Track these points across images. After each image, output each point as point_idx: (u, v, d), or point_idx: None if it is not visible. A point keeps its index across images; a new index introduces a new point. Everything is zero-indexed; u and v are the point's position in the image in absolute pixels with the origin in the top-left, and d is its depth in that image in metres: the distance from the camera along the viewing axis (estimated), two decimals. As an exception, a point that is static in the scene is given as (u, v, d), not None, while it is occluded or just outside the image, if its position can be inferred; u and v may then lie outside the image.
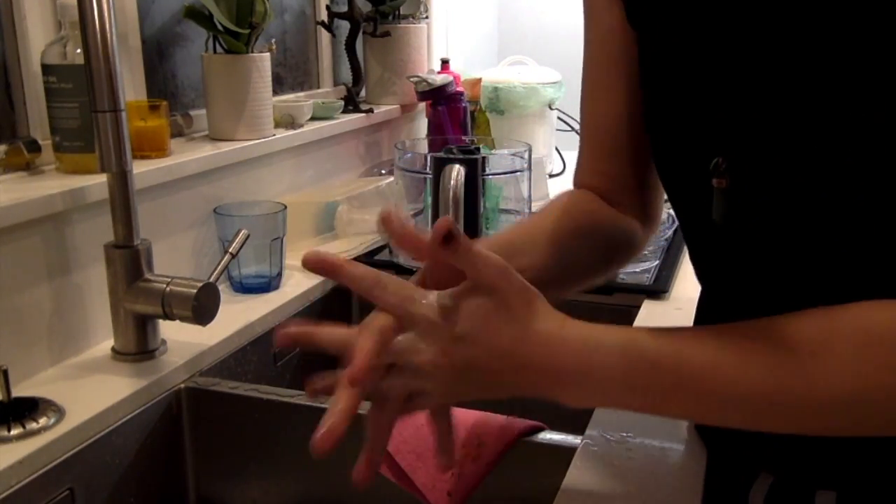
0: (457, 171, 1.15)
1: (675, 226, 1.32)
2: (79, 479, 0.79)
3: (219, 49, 1.23)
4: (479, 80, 1.86)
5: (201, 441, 0.93)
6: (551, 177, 1.84)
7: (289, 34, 1.56)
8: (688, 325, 0.70)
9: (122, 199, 0.88)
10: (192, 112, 1.27)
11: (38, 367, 0.90)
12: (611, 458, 0.71)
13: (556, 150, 1.91)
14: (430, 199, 1.23)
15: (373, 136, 1.68)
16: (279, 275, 1.16)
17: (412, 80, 1.68)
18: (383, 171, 1.63)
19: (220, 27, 1.20)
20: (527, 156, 1.32)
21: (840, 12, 0.47)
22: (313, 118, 1.45)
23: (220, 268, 0.95)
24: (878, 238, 0.49)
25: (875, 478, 0.58)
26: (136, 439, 0.86)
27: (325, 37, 1.65)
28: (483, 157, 1.23)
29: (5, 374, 0.78)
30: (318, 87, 1.65)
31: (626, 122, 0.69)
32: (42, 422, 0.78)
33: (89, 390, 0.86)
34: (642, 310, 1.08)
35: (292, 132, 1.35)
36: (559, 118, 1.89)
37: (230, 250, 0.97)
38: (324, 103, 1.49)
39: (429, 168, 1.25)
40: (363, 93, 1.71)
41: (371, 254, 1.31)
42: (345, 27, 1.62)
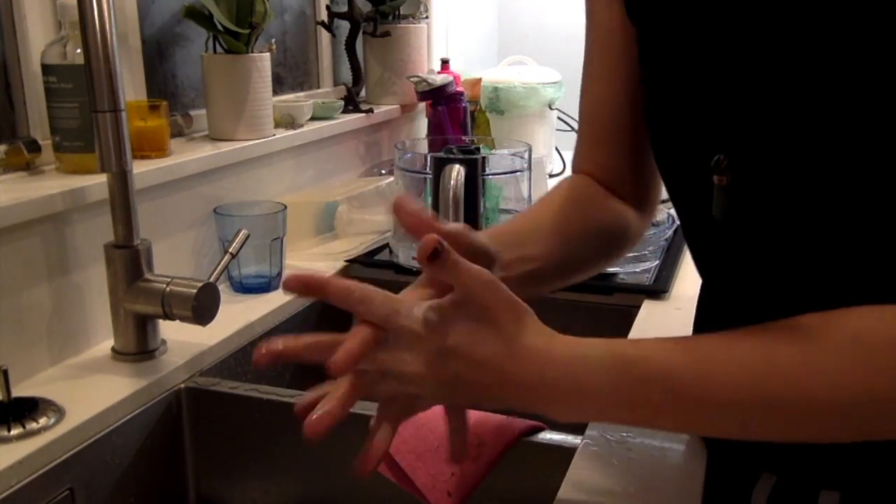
0: (457, 171, 1.15)
1: (675, 226, 1.32)
2: (79, 479, 0.79)
3: (219, 49, 1.23)
4: (479, 80, 1.86)
5: (201, 441, 0.93)
6: (551, 177, 1.84)
7: (289, 34, 1.56)
8: (688, 324, 0.70)
9: (122, 199, 0.88)
10: (192, 112, 1.27)
11: (38, 367, 0.90)
12: (611, 458, 0.71)
13: (556, 150, 1.91)
14: (430, 199, 1.23)
15: (373, 136, 1.68)
16: (279, 275, 1.16)
17: (412, 80, 1.68)
18: (383, 171, 1.63)
19: (220, 27, 1.20)
20: (527, 156, 1.32)
21: (840, 9, 0.47)
22: (313, 118, 1.45)
23: (220, 268, 0.95)
24: (878, 234, 0.49)
25: (879, 478, 0.58)
26: (136, 439, 0.86)
27: (325, 37, 1.65)
28: (483, 157, 1.23)
29: (5, 374, 0.78)
30: (318, 87, 1.65)
31: (623, 113, 0.69)
32: (42, 422, 0.78)
33: (89, 390, 0.86)
34: (642, 310, 1.08)
35: (292, 132, 1.35)
36: (559, 118, 1.88)
37: (230, 250, 0.97)
38: (324, 103, 1.49)
39: (429, 168, 1.25)
40: (363, 93, 1.71)
41: (371, 254, 1.31)
42: (345, 27, 1.62)
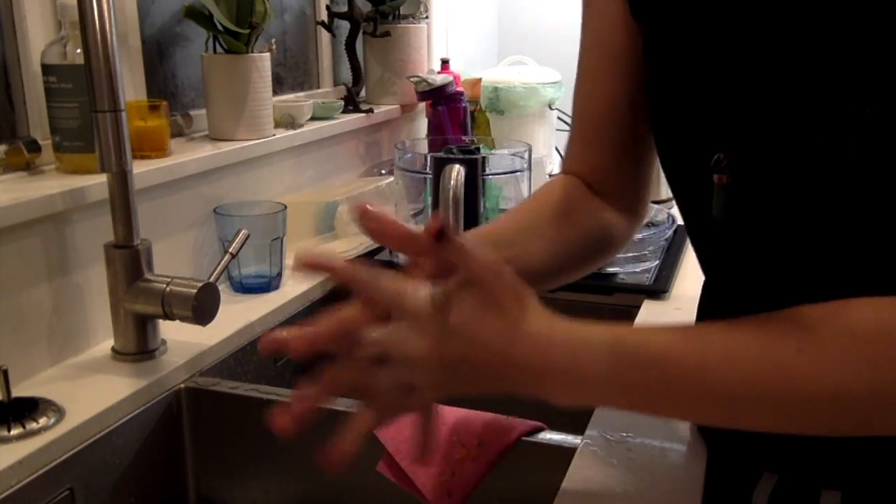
0: (457, 171, 1.15)
1: (675, 226, 1.32)
2: (79, 479, 0.79)
3: (219, 49, 1.23)
4: (479, 80, 1.86)
5: (201, 441, 0.93)
6: (551, 177, 1.84)
7: (289, 34, 1.56)
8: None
9: (122, 199, 0.88)
10: (192, 112, 1.27)
11: (38, 367, 0.90)
12: (611, 458, 0.71)
13: (556, 150, 1.91)
14: (430, 199, 1.23)
15: (373, 136, 1.68)
16: (279, 275, 1.16)
17: (412, 80, 1.68)
18: (383, 171, 1.63)
19: (220, 27, 1.20)
20: (527, 156, 1.32)
21: (842, 7, 0.47)
22: (313, 118, 1.45)
23: (220, 268, 0.95)
24: (879, 231, 0.49)
25: (880, 477, 0.58)
26: (136, 439, 0.86)
27: (325, 37, 1.65)
28: (483, 157, 1.24)
29: (5, 374, 0.78)
30: (318, 87, 1.65)
31: (620, 112, 0.68)
32: (42, 422, 0.78)
33: (89, 390, 0.86)
34: (642, 310, 1.08)
35: (292, 132, 1.35)
36: (559, 118, 1.88)
37: (230, 250, 0.97)
38: (324, 103, 1.49)
39: (429, 168, 1.25)
40: (363, 93, 1.71)
41: (371, 254, 1.31)
42: (345, 27, 1.62)
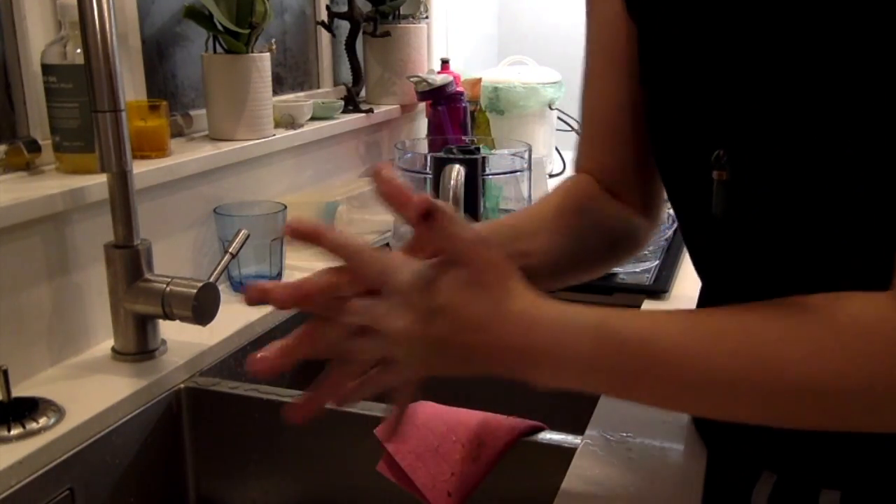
0: (457, 171, 1.15)
1: (675, 226, 1.32)
2: (79, 479, 0.79)
3: (219, 49, 1.23)
4: (479, 80, 1.86)
5: (201, 441, 0.93)
6: (551, 177, 1.84)
7: (289, 34, 1.56)
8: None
9: (122, 199, 0.88)
10: (192, 112, 1.27)
11: (38, 367, 0.90)
12: (611, 458, 0.71)
13: (556, 150, 1.91)
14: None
15: (373, 136, 1.68)
16: (279, 275, 1.16)
17: (412, 80, 1.68)
18: (383, 171, 1.62)
19: (220, 27, 1.20)
20: (527, 156, 1.32)
21: (839, 4, 0.47)
22: (313, 118, 1.45)
23: (220, 268, 0.95)
24: (877, 229, 0.49)
25: (880, 476, 0.58)
26: (136, 439, 0.86)
27: (325, 37, 1.65)
28: (483, 157, 1.24)
29: (5, 374, 0.78)
30: (318, 87, 1.65)
31: (625, 111, 0.68)
32: (42, 422, 0.78)
33: (89, 390, 0.86)
34: (642, 310, 1.08)
35: (292, 132, 1.35)
36: (559, 118, 1.88)
37: (230, 250, 0.97)
38: (324, 103, 1.49)
39: (429, 168, 1.25)
40: (363, 93, 1.71)
41: (371, 254, 1.31)
42: (345, 27, 1.62)
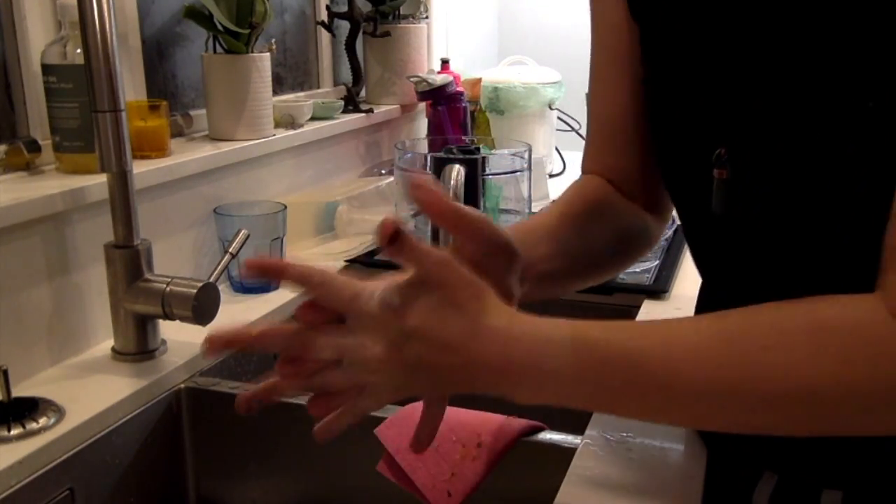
0: (457, 171, 1.15)
1: (675, 226, 1.32)
2: (79, 479, 0.79)
3: (219, 49, 1.23)
4: (479, 80, 1.86)
5: (201, 441, 0.93)
6: (551, 177, 1.84)
7: (289, 34, 1.56)
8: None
9: (122, 199, 0.88)
10: (192, 112, 1.27)
11: (38, 367, 0.90)
12: (611, 458, 0.71)
13: (556, 150, 1.91)
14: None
15: (373, 136, 1.68)
16: (279, 275, 1.16)
17: (412, 80, 1.68)
18: (383, 171, 1.63)
19: (220, 27, 1.20)
20: (527, 156, 1.32)
21: (840, 4, 0.47)
22: (313, 118, 1.45)
23: (220, 268, 0.95)
24: (878, 228, 0.49)
25: (881, 477, 0.58)
26: (136, 439, 0.86)
27: (325, 37, 1.65)
28: (483, 157, 1.24)
29: (5, 374, 0.78)
30: (318, 87, 1.65)
31: (631, 113, 0.68)
32: (42, 422, 0.78)
33: (89, 390, 0.86)
34: (642, 310, 1.08)
35: (292, 132, 1.35)
36: (559, 118, 1.89)
37: (230, 250, 0.97)
38: (324, 103, 1.49)
39: (429, 168, 1.25)
40: (363, 93, 1.71)
41: (371, 254, 1.31)
42: (345, 27, 1.62)
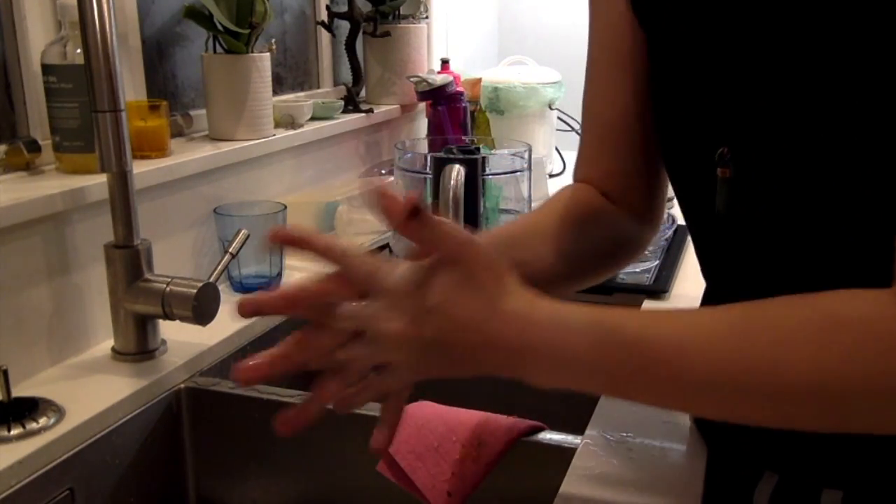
0: (457, 171, 1.15)
1: (675, 226, 1.32)
2: (79, 479, 0.79)
3: (219, 49, 1.23)
4: (479, 80, 1.86)
5: (201, 441, 0.93)
6: (551, 177, 1.84)
7: (289, 34, 1.56)
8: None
9: (122, 199, 0.88)
10: (192, 112, 1.27)
11: (38, 367, 0.90)
12: (611, 458, 0.71)
13: (556, 150, 1.91)
14: (430, 199, 1.23)
15: (373, 136, 1.68)
16: (279, 275, 1.16)
17: (412, 80, 1.68)
18: (383, 171, 1.63)
19: (220, 27, 1.20)
20: (527, 156, 1.32)
21: (843, 4, 0.47)
22: (313, 118, 1.45)
23: (220, 268, 0.95)
24: (883, 226, 0.49)
25: (882, 476, 0.58)
26: (136, 439, 0.86)
27: (325, 37, 1.65)
28: (483, 157, 1.24)
29: (5, 374, 0.78)
30: (318, 87, 1.65)
31: (631, 115, 0.68)
32: (42, 422, 0.78)
33: (89, 390, 0.86)
34: (640, 309, 1.08)
35: (292, 132, 1.35)
36: (559, 118, 1.89)
37: (230, 250, 0.97)
38: (324, 103, 1.49)
39: (429, 168, 1.25)
40: (363, 93, 1.71)
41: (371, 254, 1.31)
42: (345, 27, 1.62)
